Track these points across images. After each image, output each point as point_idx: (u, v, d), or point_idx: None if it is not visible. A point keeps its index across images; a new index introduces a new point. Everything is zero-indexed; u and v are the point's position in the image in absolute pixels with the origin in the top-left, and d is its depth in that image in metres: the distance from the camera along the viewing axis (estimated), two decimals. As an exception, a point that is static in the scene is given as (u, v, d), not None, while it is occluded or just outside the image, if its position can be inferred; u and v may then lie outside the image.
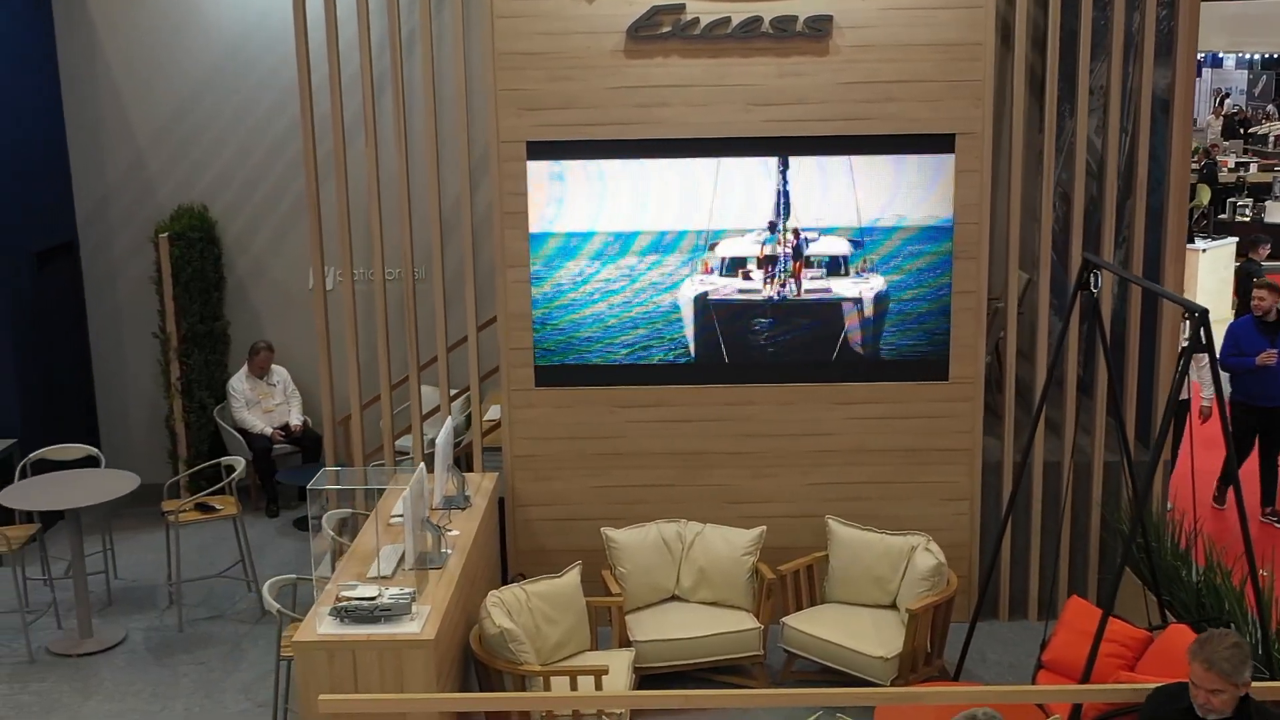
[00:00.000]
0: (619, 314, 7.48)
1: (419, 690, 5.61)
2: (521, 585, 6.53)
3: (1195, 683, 4.57)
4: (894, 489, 7.66)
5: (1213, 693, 4.52)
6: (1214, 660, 4.49)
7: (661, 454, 7.66)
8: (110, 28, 9.78)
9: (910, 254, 7.37)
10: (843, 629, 6.88)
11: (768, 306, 7.44)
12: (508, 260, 7.47)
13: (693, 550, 7.24)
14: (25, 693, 7.18)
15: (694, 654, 6.87)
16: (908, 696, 5.77)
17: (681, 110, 7.27)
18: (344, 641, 5.63)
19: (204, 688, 7.20)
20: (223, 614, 8.14)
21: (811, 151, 7.28)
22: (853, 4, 7.14)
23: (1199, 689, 4.55)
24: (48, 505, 7.51)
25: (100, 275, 10.18)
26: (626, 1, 7.18)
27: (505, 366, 7.61)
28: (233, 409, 9.84)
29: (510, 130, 7.31)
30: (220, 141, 9.99)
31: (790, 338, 7.48)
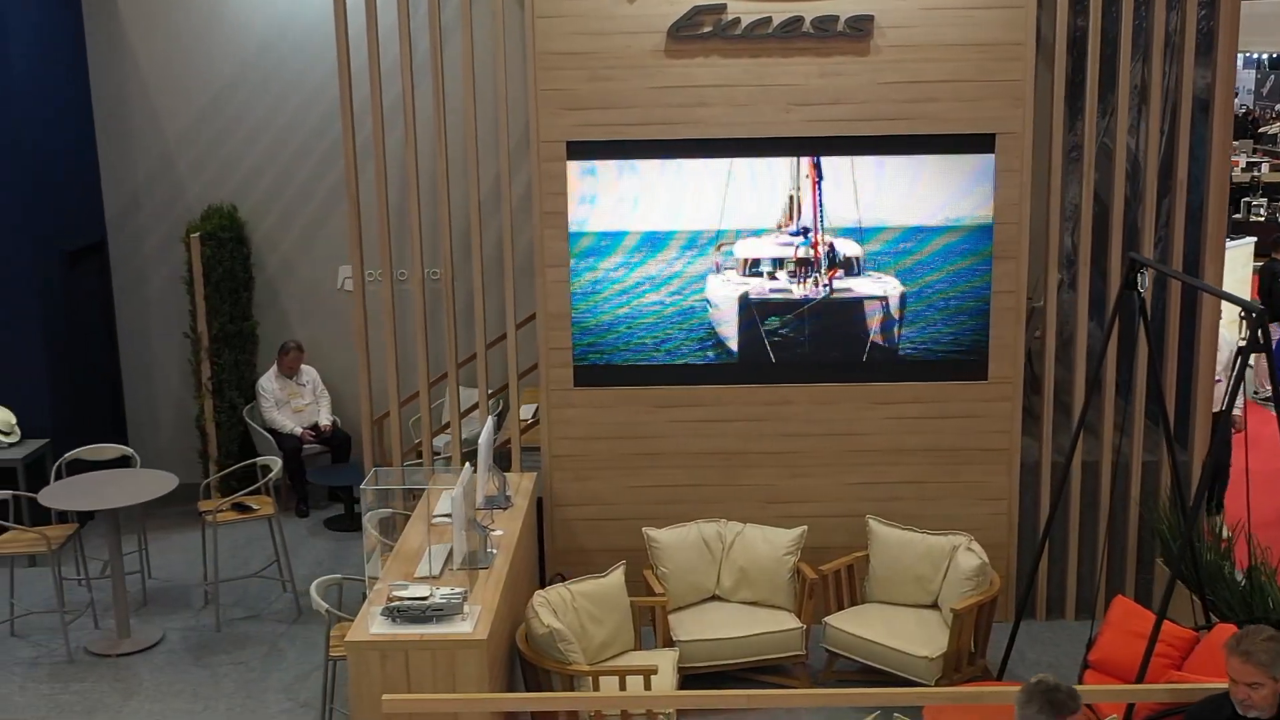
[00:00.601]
0: (654, 313, 7.48)
1: (471, 690, 5.61)
2: (567, 585, 6.53)
3: (1234, 678, 4.57)
4: (931, 489, 7.66)
5: (1252, 687, 4.52)
6: (1251, 652, 4.50)
7: (699, 454, 7.66)
8: (140, 27, 9.78)
9: (949, 254, 7.37)
10: (886, 629, 6.88)
11: (805, 306, 7.44)
12: (547, 260, 7.47)
13: (733, 550, 7.25)
14: (66, 693, 7.18)
15: (737, 654, 6.87)
16: (959, 696, 5.77)
17: (722, 110, 7.27)
18: (396, 641, 5.63)
19: (244, 688, 7.20)
20: (259, 614, 8.14)
21: (851, 151, 7.28)
22: (894, 4, 7.14)
23: (1238, 685, 4.56)
24: (87, 505, 7.51)
25: (129, 275, 10.18)
26: (667, 1, 7.18)
27: (544, 366, 7.61)
28: (262, 409, 9.84)
29: (550, 130, 7.31)
30: (249, 141, 9.99)
31: (826, 337, 7.48)
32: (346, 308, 10.23)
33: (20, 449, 8.94)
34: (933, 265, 7.39)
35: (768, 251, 7.39)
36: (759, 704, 5.11)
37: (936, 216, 7.34)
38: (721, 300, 7.45)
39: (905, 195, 7.32)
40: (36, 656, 7.61)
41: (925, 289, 7.42)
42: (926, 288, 7.42)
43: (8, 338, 9.01)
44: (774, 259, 7.40)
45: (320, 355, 10.18)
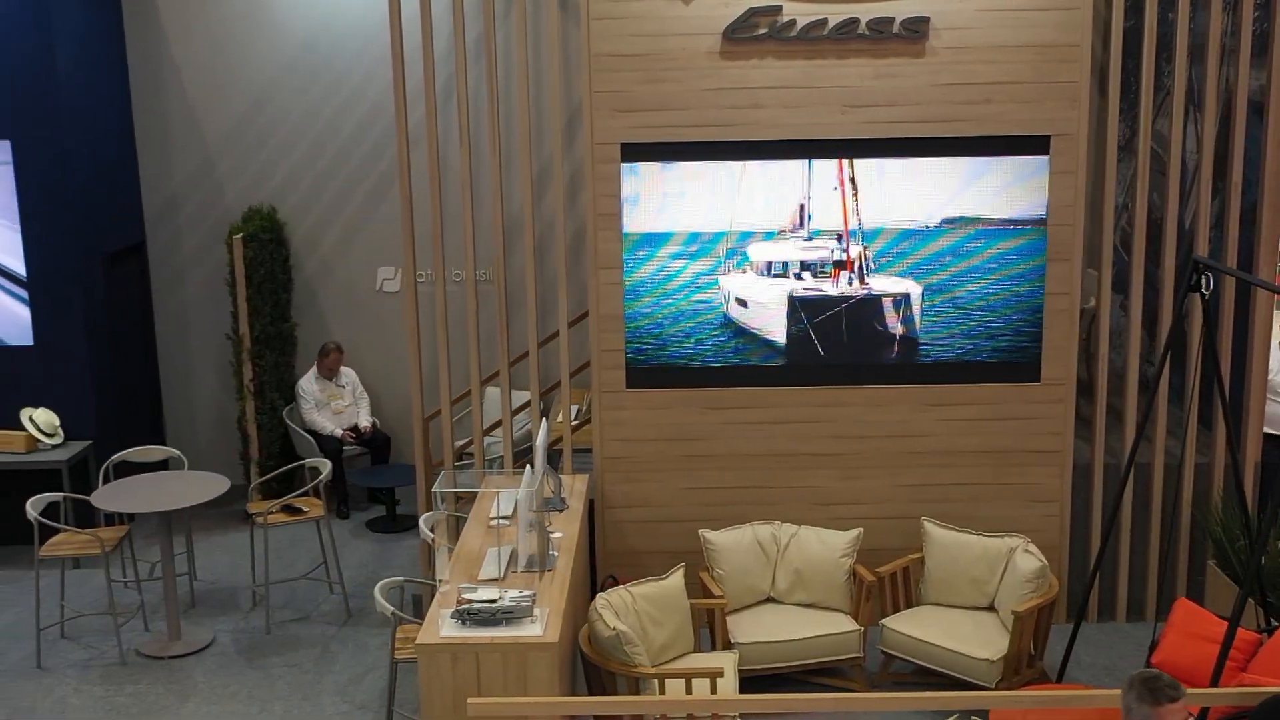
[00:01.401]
0: (701, 314, 7.47)
1: (542, 692, 5.61)
2: (627, 587, 6.52)
3: None
4: (984, 490, 7.65)
5: None
6: None
7: (751, 455, 7.66)
8: (179, 29, 9.78)
9: (1005, 257, 7.36)
10: (944, 631, 6.87)
11: (847, 308, 7.44)
12: (600, 261, 7.46)
13: (788, 552, 7.24)
14: (121, 695, 7.17)
15: (795, 656, 6.87)
16: (1028, 700, 5.76)
17: (776, 112, 7.27)
18: (467, 644, 5.62)
19: (300, 690, 7.19)
20: (308, 615, 8.13)
21: (905, 153, 7.28)
22: (949, 5, 7.13)
23: None
24: (140, 507, 7.50)
25: (168, 276, 10.18)
26: (722, 3, 7.17)
27: (596, 368, 7.60)
28: (302, 410, 9.84)
29: (605, 132, 7.30)
30: (288, 143, 9.99)
31: (871, 338, 7.49)
32: (385, 309, 10.25)
33: (64, 451, 8.95)
34: (986, 268, 7.38)
35: (790, 254, 7.39)
36: (830, 708, 5.09)
37: (990, 219, 7.33)
38: (774, 302, 7.43)
39: (955, 196, 7.31)
40: (88, 659, 7.60)
41: (978, 291, 7.41)
42: (979, 290, 7.41)
43: (52, 340, 9.02)
44: (802, 262, 7.40)
45: (358, 357, 10.18)
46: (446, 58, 8.72)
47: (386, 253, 10.15)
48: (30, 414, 8.94)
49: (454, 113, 8.22)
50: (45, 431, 8.93)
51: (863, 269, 7.38)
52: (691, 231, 7.39)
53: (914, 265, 7.39)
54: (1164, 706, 4.30)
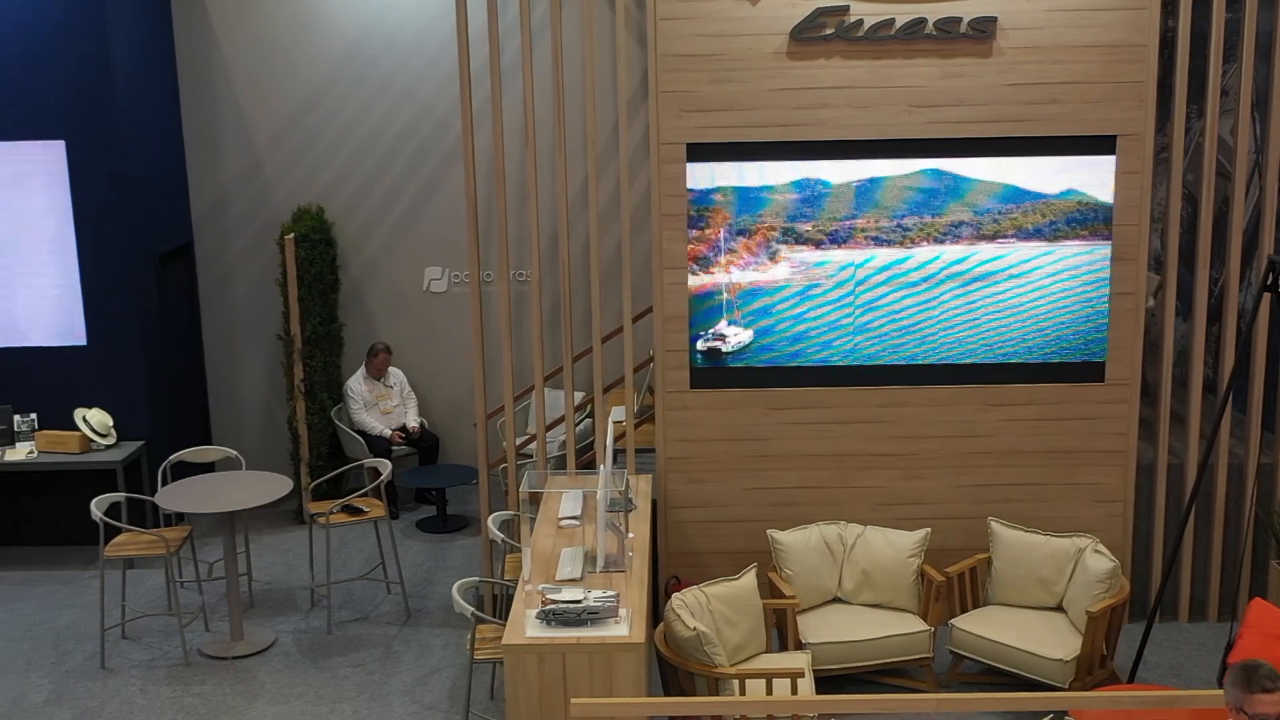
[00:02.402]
0: (770, 314, 7.48)
1: (629, 692, 5.61)
2: (701, 588, 6.51)
3: None
4: (1046, 490, 7.65)
5: None
6: None
7: (814, 455, 7.66)
8: (229, 30, 9.79)
9: (1068, 256, 7.36)
10: (1015, 631, 6.86)
11: (916, 309, 7.45)
12: (666, 261, 7.46)
13: (854, 552, 7.23)
14: (189, 695, 7.17)
15: (865, 656, 6.86)
16: (1113, 700, 5.74)
17: (843, 112, 7.27)
18: (554, 645, 5.62)
19: (367, 691, 7.19)
20: (367, 616, 8.13)
21: (973, 153, 7.28)
22: (1017, 5, 7.13)
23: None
24: (203, 507, 7.50)
25: (215, 277, 10.18)
26: (790, 3, 7.17)
27: (660, 369, 7.60)
28: (351, 410, 9.84)
29: (671, 132, 7.30)
30: (336, 143, 10.00)
31: (939, 339, 7.49)
32: (432, 309, 10.26)
33: (118, 451, 8.94)
34: (1053, 270, 7.38)
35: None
36: (925, 708, 5.08)
37: (1055, 219, 7.33)
38: (833, 303, 7.44)
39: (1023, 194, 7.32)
40: (152, 659, 7.60)
41: (1044, 290, 7.41)
42: (1046, 289, 7.41)
43: (105, 340, 9.02)
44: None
45: (405, 357, 10.18)
46: (511, 64, 8.73)
47: (434, 253, 10.15)
48: (84, 414, 8.93)
49: (511, 114, 8.24)
50: (99, 432, 8.93)
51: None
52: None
53: (980, 263, 7.39)
54: (1255, 695, 4.30)
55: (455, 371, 10.33)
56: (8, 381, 9.06)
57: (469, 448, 10.37)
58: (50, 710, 7.04)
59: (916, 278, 7.42)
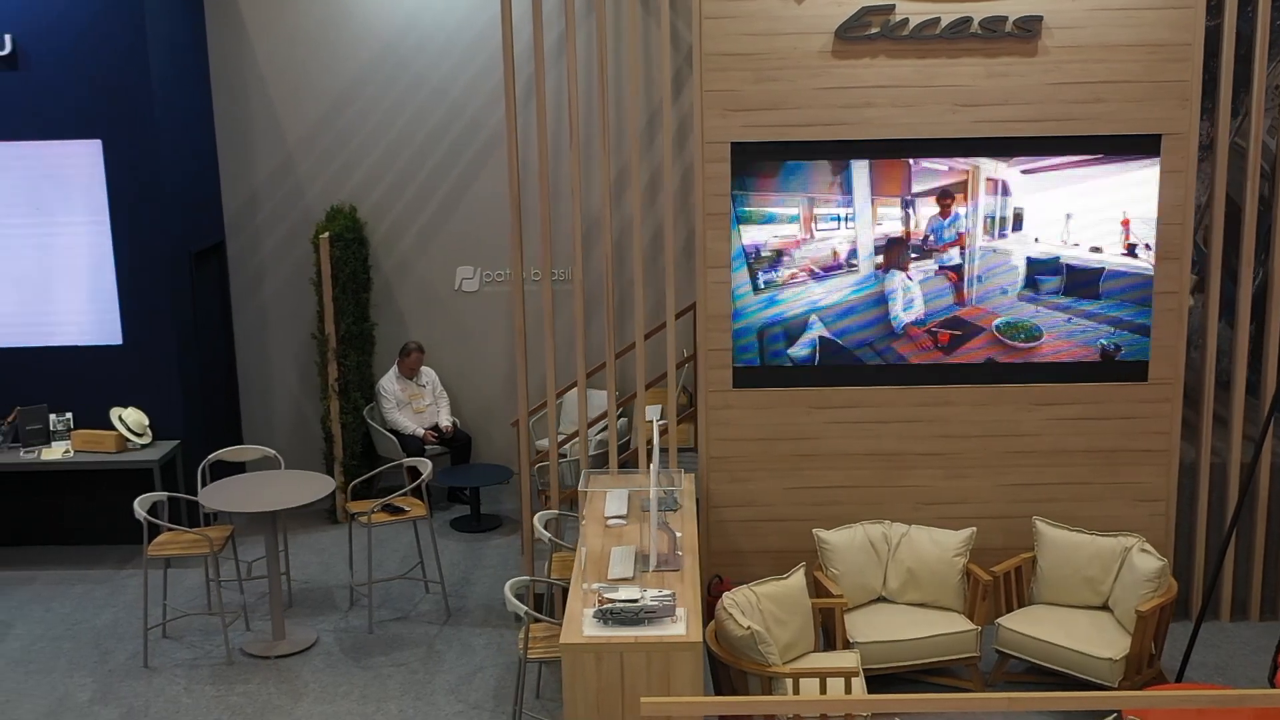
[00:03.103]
0: (811, 314, 7.47)
1: (687, 691, 5.60)
2: (751, 587, 6.51)
3: None
4: (1089, 490, 7.65)
5: None
6: None
7: (856, 455, 7.65)
8: (262, 29, 9.79)
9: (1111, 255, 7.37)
10: (1062, 630, 6.87)
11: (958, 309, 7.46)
12: (709, 261, 7.45)
13: (899, 551, 7.24)
14: (233, 694, 7.17)
15: (913, 655, 6.86)
16: (1217, 700, 5.72)
17: (887, 111, 7.26)
18: (611, 644, 5.61)
19: (411, 690, 7.19)
20: (407, 615, 8.13)
21: (1017, 152, 7.28)
22: (1062, 4, 7.13)
23: None
24: (246, 507, 7.49)
25: (247, 276, 10.19)
26: (835, 2, 7.17)
27: (703, 368, 7.60)
28: (383, 410, 9.84)
29: (715, 131, 7.30)
30: (368, 143, 10.00)
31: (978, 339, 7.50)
32: (463, 309, 10.26)
33: (154, 450, 8.94)
34: (1095, 267, 7.38)
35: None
36: (983, 708, 5.08)
37: (1095, 219, 7.33)
38: (880, 303, 7.45)
39: (1063, 200, 7.32)
40: (194, 658, 7.60)
41: (1088, 289, 7.41)
42: (1089, 288, 7.41)
43: (142, 340, 9.02)
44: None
45: (435, 356, 10.18)
46: (555, 59, 8.72)
47: (465, 252, 10.16)
48: (120, 414, 8.93)
49: (557, 115, 8.23)
50: (135, 431, 8.93)
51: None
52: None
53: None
54: None
55: (486, 371, 10.33)
56: (43, 381, 9.06)
57: (500, 447, 10.40)
58: (96, 709, 7.04)
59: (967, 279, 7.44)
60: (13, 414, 8.95)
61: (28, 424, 8.96)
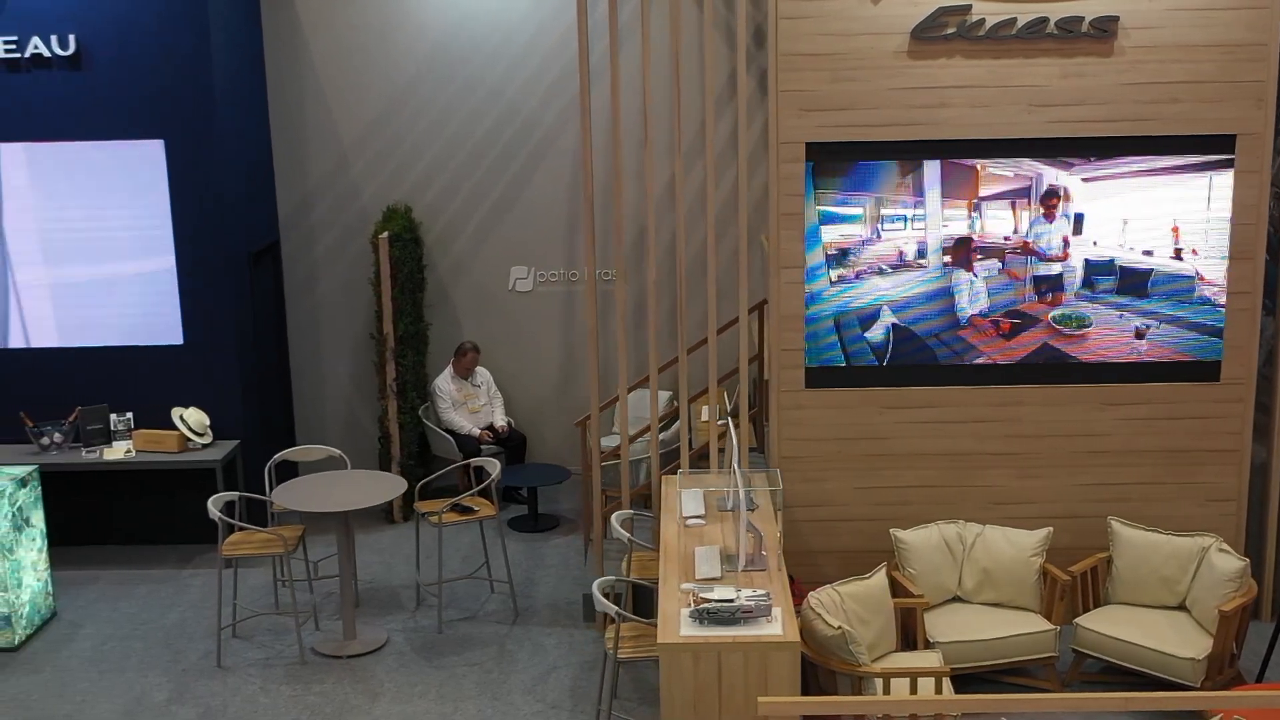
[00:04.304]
0: (883, 304, 7.49)
1: (784, 690, 5.61)
2: (834, 587, 6.52)
3: None
4: (1159, 490, 7.65)
5: None
6: None
7: (928, 454, 7.66)
8: (318, 28, 9.80)
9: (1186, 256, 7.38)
10: (1141, 630, 6.87)
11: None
12: (783, 261, 7.46)
13: (974, 551, 7.24)
14: (310, 694, 7.18)
15: (992, 655, 6.87)
16: (1254, 700, 5.75)
17: (963, 111, 7.27)
18: (709, 643, 5.63)
19: (487, 690, 7.20)
20: (474, 615, 8.13)
21: (1092, 153, 7.28)
22: (1138, 4, 7.13)
23: None
24: (321, 506, 7.49)
25: (300, 276, 10.20)
26: (911, 3, 7.18)
27: (775, 368, 7.61)
28: (439, 410, 9.84)
29: (790, 131, 7.31)
30: (423, 144, 10.00)
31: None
32: (517, 309, 10.27)
33: (216, 450, 8.95)
34: (1145, 269, 7.40)
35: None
36: (1096, 707, 5.10)
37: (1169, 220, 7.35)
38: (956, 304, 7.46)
39: (1135, 201, 7.34)
40: (267, 658, 7.61)
41: (1138, 289, 7.42)
42: (1139, 289, 7.42)
43: (203, 340, 9.03)
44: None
45: (489, 356, 10.17)
46: (630, 59, 8.73)
47: (520, 253, 10.17)
48: (181, 413, 8.94)
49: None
50: (196, 431, 8.94)
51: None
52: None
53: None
54: None
55: (539, 371, 10.34)
56: (104, 380, 9.07)
57: (552, 447, 10.41)
58: (174, 709, 7.05)
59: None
60: (74, 414, 8.96)
61: (88, 424, 8.97)
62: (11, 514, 7.69)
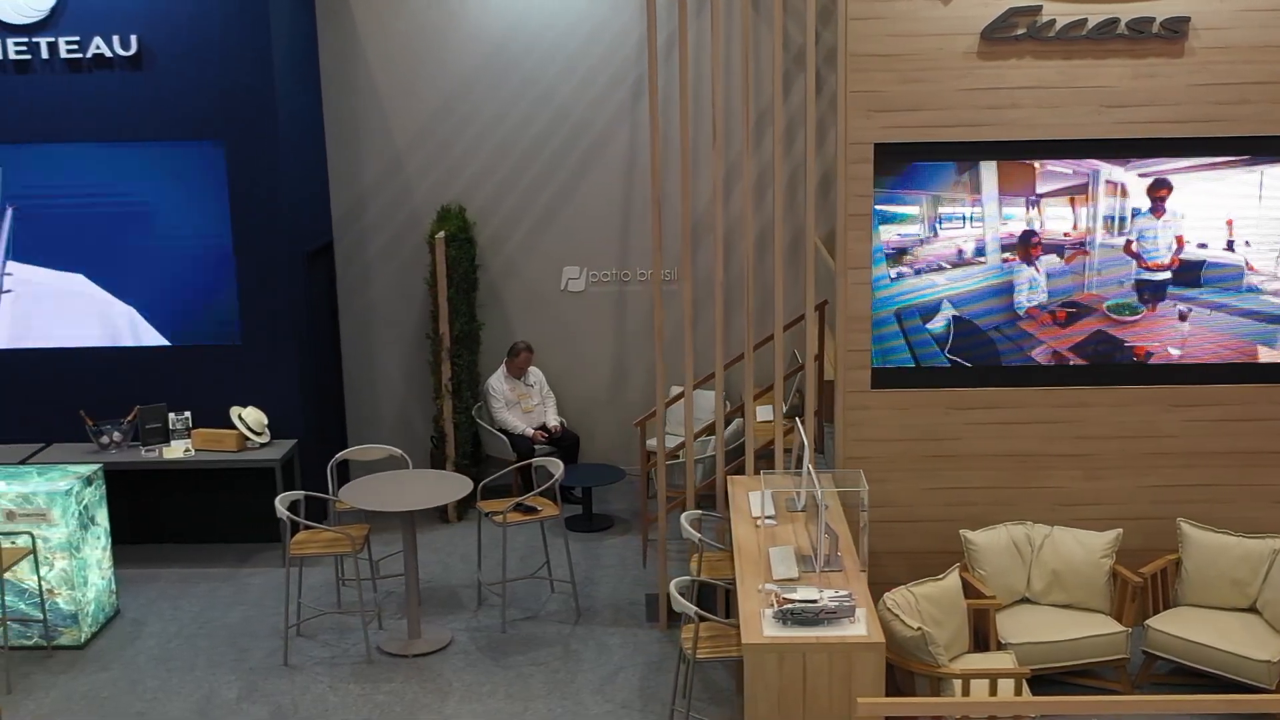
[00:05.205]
0: (943, 298, 7.48)
1: (868, 690, 5.61)
2: (909, 588, 6.52)
3: None
4: (1227, 491, 7.63)
5: None
6: None
7: (993, 455, 7.65)
8: (372, 31, 9.82)
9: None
10: (1214, 632, 6.85)
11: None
12: (850, 262, 7.46)
13: (1042, 552, 7.23)
14: (379, 693, 7.20)
15: (1064, 657, 6.86)
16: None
17: (1032, 112, 7.26)
18: (794, 644, 5.63)
19: (556, 690, 7.21)
20: (536, 615, 8.14)
21: (1162, 154, 7.27)
22: (1210, 5, 7.11)
23: None
24: (389, 505, 7.51)
25: (353, 276, 10.22)
26: (981, 3, 7.17)
27: (841, 368, 7.60)
28: (492, 409, 9.86)
29: (858, 132, 7.30)
30: (476, 144, 10.02)
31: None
32: (569, 309, 10.29)
33: (275, 449, 8.98)
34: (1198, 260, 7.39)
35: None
36: (1157, 709, 5.09)
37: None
38: (1019, 305, 7.46)
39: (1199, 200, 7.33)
40: (333, 656, 7.63)
41: (1191, 281, 7.40)
42: (1191, 280, 7.40)
43: (261, 340, 9.07)
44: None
45: (540, 356, 10.19)
46: (697, 57, 8.75)
47: (572, 253, 10.18)
48: (239, 412, 8.97)
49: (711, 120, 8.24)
50: (254, 430, 8.97)
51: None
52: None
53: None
54: None
55: (591, 371, 10.36)
56: (162, 380, 9.11)
57: (602, 447, 10.42)
58: (245, 707, 7.07)
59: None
60: (133, 413, 9.00)
61: (147, 422, 9.00)
62: (78, 512, 7.73)
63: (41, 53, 8.65)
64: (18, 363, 9.12)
